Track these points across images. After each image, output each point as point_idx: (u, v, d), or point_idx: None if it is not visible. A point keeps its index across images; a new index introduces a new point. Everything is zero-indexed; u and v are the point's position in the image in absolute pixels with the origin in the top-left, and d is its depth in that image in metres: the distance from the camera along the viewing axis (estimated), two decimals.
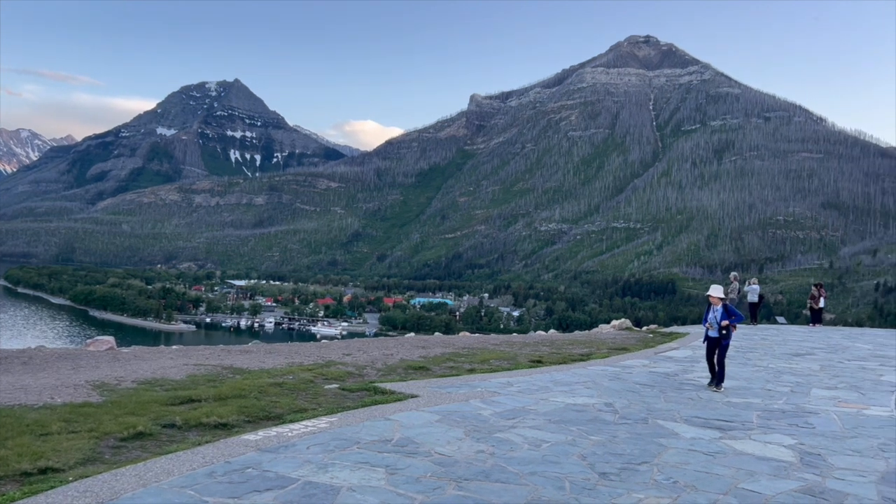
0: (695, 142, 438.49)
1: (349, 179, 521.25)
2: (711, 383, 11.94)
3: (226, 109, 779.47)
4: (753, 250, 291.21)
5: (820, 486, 6.35)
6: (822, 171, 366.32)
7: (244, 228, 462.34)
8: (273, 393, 9.74)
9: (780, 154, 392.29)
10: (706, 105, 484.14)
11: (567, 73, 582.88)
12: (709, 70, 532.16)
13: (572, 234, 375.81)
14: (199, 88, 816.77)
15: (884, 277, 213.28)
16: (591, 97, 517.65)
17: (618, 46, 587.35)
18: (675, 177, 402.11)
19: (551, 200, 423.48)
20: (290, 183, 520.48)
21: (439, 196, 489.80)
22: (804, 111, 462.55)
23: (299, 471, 6.26)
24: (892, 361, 16.62)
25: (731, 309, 11.95)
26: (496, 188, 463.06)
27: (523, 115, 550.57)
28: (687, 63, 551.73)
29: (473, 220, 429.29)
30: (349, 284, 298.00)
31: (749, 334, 23.72)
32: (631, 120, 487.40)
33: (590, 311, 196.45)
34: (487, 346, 17.43)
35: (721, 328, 11.80)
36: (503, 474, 6.36)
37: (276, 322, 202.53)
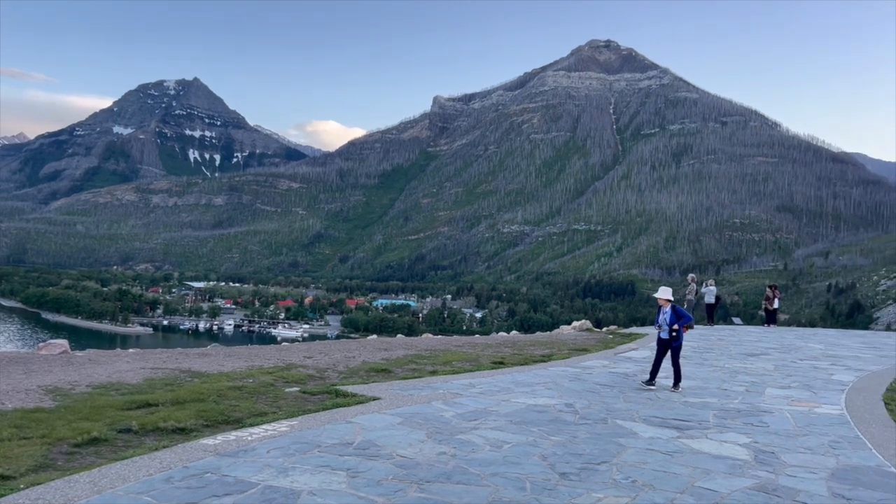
0: (654, 145, 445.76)
1: (311, 180, 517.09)
2: (649, 382, 11.99)
3: (185, 108, 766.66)
4: (711, 252, 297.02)
5: (773, 483, 6.50)
6: (776, 174, 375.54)
7: (203, 229, 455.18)
8: (232, 397, 9.62)
9: (737, 158, 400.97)
10: (665, 109, 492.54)
11: (529, 77, 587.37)
12: (668, 75, 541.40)
13: (534, 235, 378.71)
14: (158, 87, 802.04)
15: (835, 279, 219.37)
16: (552, 100, 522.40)
17: (579, 51, 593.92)
18: (634, 180, 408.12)
19: (514, 202, 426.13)
20: (251, 183, 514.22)
21: (402, 197, 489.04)
22: (760, 116, 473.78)
23: (259, 475, 6.19)
24: (843, 361, 17.11)
25: (679, 310, 12.03)
26: (459, 190, 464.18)
27: (486, 117, 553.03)
28: (646, 68, 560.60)
29: (436, 222, 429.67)
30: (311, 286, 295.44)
31: (706, 335, 24.17)
32: (592, 123, 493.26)
33: (551, 312, 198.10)
34: (450, 348, 17.46)
35: (671, 330, 11.88)
36: (465, 476, 6.38)
37: (235, 325, 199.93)
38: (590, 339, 21.36)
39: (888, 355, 19.08)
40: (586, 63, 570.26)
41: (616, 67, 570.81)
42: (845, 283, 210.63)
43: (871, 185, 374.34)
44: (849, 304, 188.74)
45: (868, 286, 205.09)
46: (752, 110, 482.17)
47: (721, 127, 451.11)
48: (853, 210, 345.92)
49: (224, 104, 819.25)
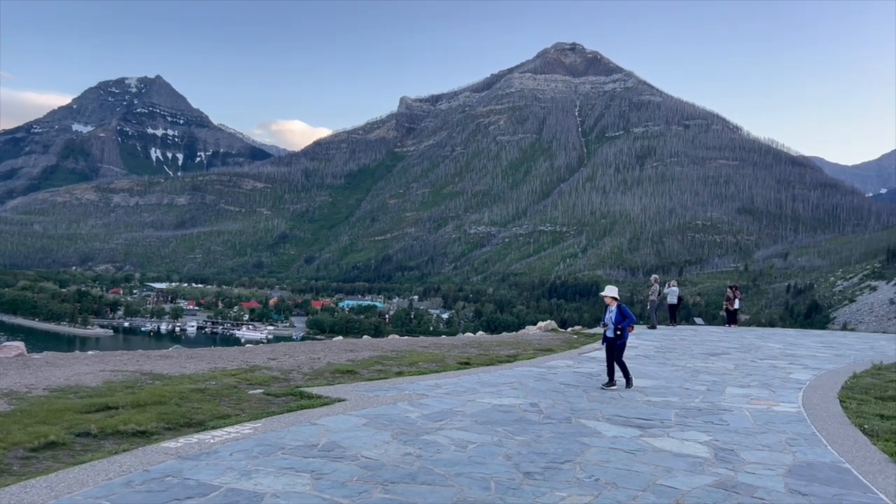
0: (618, 148, 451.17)
1: (276, 180, 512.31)
2: (608, 384, 11.98)
3: (146, 106, 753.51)
4: (673, 253, 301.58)
5: (732, 480, 6.63)
6: (737, 177, 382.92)
7: (165, 229, 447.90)
8: (195, 399, 9.49)
9: (699, 161, 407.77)
10: (629, 112, 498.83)
11: (496, 78, 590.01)
12: (632, 78, 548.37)
13: (501, 236, 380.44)
14: (118, 84, 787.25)
15: (794, 280, 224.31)
16: (519, 102, 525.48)
17: (545, 53, 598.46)
18: (599, 182, 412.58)
19: (480, 203, 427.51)
20: (214, 183, 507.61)
21: (369, 198, 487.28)
22: (721, 119, 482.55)
23: (222, 478, 6.12)
24: (801, 360, 17.50)
25: (624, 310, 12.04)
26: (426, 191, 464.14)
27: (453, 118, 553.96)
28: (611, 71, 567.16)
29: (403, 223, 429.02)
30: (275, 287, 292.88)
31: (668, 335, 24.52)
32: (557, 125, 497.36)
33: (517, 312, 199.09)
34: (416, 349, 17.44)
35: (616, 329, 11.92)
36: (430, 476, 6.39)
37: (198, 326, 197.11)
38: (555, 340, 21.52)
39: (844, 354, 19.57)
40: (552, 65, 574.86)
41: (581, 70, 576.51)
42: (803, 284, 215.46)
43: (828, 189, 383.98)
44: (807, 305, 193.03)
45: (825, 287, 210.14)
46: (713, 114, 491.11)
47: (684, 130, 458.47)
48: (811, 212, 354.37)
49: (187, 102, 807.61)
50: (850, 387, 12.77)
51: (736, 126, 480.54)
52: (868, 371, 15.19)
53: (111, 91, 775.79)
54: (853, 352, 20.61)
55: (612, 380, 12.04)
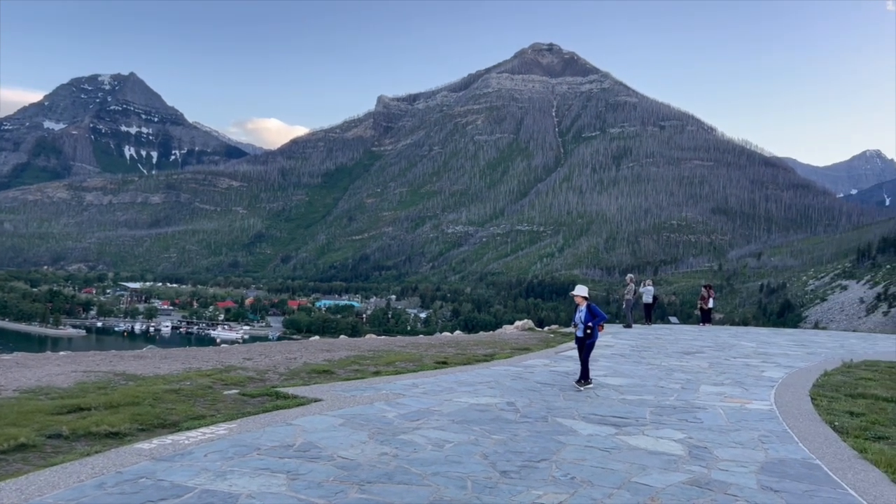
0: (595, 148, 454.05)
1: (252, 179, 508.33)
2: (580, 381, 12.05)
3: (120, 104, 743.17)
4: (649, 253, 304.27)
5: (706, 477, 6.70)
6: (712, 178, 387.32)
7: (139, 228, 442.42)
8: (169, 400, 9.39)
9: (674, 161, 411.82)
10: (605, 113, 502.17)
11: (473, 78, 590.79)
12: (608, 79, 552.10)
13: (478, 236, 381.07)
14: (91, 81, 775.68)
15: (767, 279, 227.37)
16: (496, 102, 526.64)
17: (522, 53, 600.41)
18: (576, 182, 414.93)
19: (458, 203, 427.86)
20: (189, 181, 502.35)
21: (346, 197, 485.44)
22: (696, 120, 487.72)
23: (196, 479, 6.06)
24: (773, 358, 17.74)
25: (594, 309, 12.05)
26: (404, 190, 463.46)
27: (430, 117, 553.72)
28: (588, 72, 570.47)
29: (381, 222, 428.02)
30: (251, 287, 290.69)
31: (644, 334, 24.74)
32: (535, 126, 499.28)
33: (495, 312, 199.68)
34: (393, 349, 17.42)
35: (586, 328, 11.94)
36: (406, 476, 6.38)
37: (173, 326, 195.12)
38: (532, 339, 21.61)
39: (815, 353, 19.88)
40: (529, 66, 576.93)
41: (558, 71, 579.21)
42: (776, 283, 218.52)
43: (800, 189, 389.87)
44: (779, 304, 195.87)
45: (797, 286, 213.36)
46: (689, 115, 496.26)
47: (659, 131, 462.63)
48: (784, 213, 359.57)
49: (162, 100, 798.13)
50: (822, 384, 12.97)
51: (710, 127, 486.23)
52: (839, 369, 15.45)
53: (84, 88, 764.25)
54: (824, 350, 20.95)
55: (586, 378, 12.08)
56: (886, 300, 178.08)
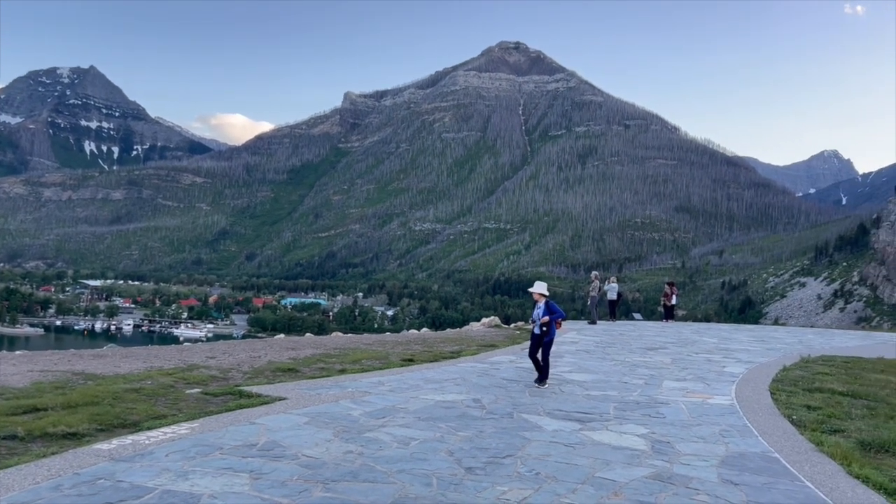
0: (561, 147, 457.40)
1: (216, 175, 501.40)
2: (538, 380, 11.85)
3: (80, 98, 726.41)
4: (614, 250, 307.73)
5: (668, 471, 6.79)
6: (675, 176, 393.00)
7: (100, 225, 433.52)
8: (129, 399, 9.21)
9: (639, 160, 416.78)
10: (571, 112, 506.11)
11: (441, 75, 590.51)
12: (574, 78, 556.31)
13: (446, 233, 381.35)
14: (50, 74, 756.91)
15: (729, 276, 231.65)
16: (463, 100, 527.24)
17: (489, 51, 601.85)
18: (542, 180, 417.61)
19: (425, 200, 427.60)
20: (152, 177, 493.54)
21: (312, 194, 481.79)
22: (660, 120, 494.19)
23: (157, 479, 5.96)
24: (734, 354, 18.07)
25: (552, 306, 11.90)
26: (371, 187, 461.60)
27: (398, 114, 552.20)
28: (554, 70, 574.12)
29: (347, 219, 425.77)
30: (215, 285, 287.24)
31: (609, 330, 25.02)
32: (502, 124, 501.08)
33: (462, 309, 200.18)
34: (360, 346, 17.35)
35: (542, 325, 11.78)
36: (371, 473, 6.35)
37: (134, 324, 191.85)
38: (498, 336, 21.70)
39: (775, 348, 20.30)
40: (496, 64, 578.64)
41: (525, 69, 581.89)
42: (738, 281, 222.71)
43: (761, 188, 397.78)
44: (741, 300, 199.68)
45: (758, 283, 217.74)
46: (653, 114, 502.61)
47: (624, 130, 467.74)
48: (745, 211, 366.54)
49: (123, 94, 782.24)
50: (780, 379, 13.24)
51: (674, 126, 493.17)
52: (797, 364, 15.79)
53: (42, 81, 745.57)
54: (783, 345, 21.40)
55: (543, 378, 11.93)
56: (843, 297, 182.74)
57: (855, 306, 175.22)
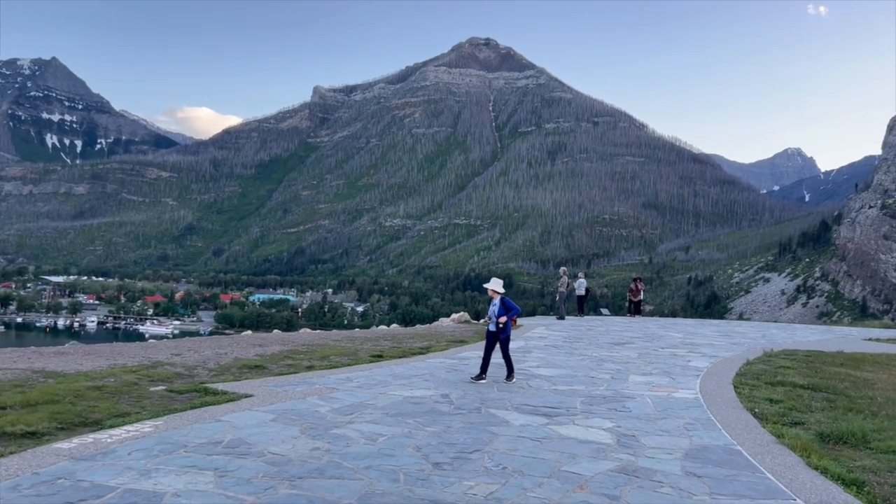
0: (530, 143, 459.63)
1: (182, 169, 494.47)
2: (479, 377, 11.63)
3: (41, 90, 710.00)
4: (582, 246, 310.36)
5: (633, 464, 6.87)
6: (643, 173, 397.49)
7: (62, 220, 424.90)
8: (91, 397, 9.04)
9: (607, 157, 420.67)
10: (541, 108, 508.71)
11: (411, 71, 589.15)
12: (544, 75, 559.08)
13: (416, 229, 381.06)
14: (10, 65, 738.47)
15: (695, 272, 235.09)
16: (434, 95, 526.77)
17: (460, 47, 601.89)
18: (512, 176, 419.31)
19: (396, 196, 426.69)
20: (116, 171, 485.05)
21: (281, 189, 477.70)
22: (628, 117, 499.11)
23: (119, 478, 5.86)
24: (699, 348, 18.33)
25: (508, 303, 11.76)
26: (340, 182, 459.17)
27: (368, 109, 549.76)
28: (524, 67, 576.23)
29: (317, 215, 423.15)
30: (181, 281, 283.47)
31: (576, 325, 25.21)
32: (472, 120, 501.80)
33: (432, 305, 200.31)
34: (328, 343, 17.25)
35: (498, 323, 11.64)
36: (338, 470, 6.32)
37: (98, 321, 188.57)
38: (467, 331, 21.74)
39: (739, 343, 20.64)
40: (467, 60, 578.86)
41: (495, 65, 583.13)
42: (703, 276, 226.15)
43: (726, 185, 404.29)
44: (706, 296, 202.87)
45: (723, 279, 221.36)
46: (621, 111, 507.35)
47: (593, 127, 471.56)
48: (711, 208, 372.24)
49: (86, 87, 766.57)
50: (744, 373, 13.46)
51: (642, 124, 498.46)
52: (760, 358, 16.07)
53: (1, 72, 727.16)
54: (747, 340, 21.76)
55: (482, 373, 11.71)
56: (805, 292, 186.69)
57: (817, 301, 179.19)
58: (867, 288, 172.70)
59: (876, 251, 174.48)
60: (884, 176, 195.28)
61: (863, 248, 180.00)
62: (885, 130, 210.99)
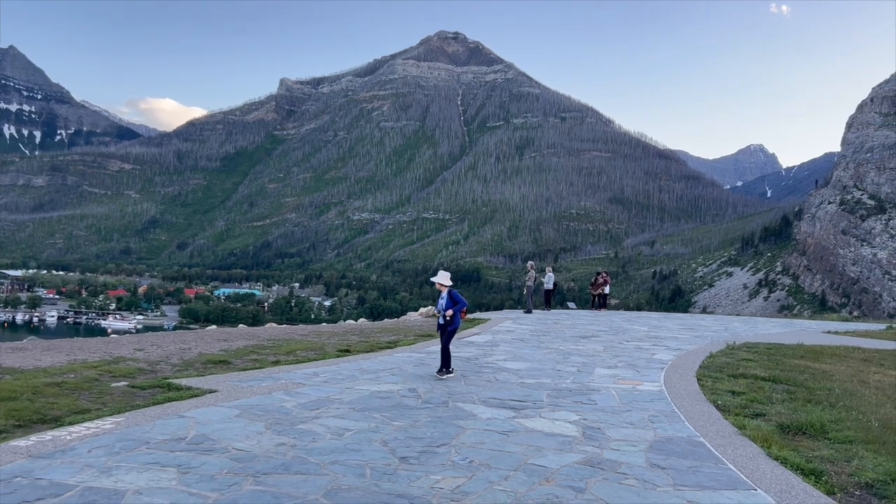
0: (499, 138, 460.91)
1: (145, 161, 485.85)
2: (441, 371, 11.52)
3: None
4: (550, 241, 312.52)
5: (598, 457, 6.92)
6: (609, 168, 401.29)
7: (21, 212, 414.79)
8: (50, 394, 8.84)
9: (574, 152, 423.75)
10: (509, 103, 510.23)
11: (379, 64, 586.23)
12: (512, 69, 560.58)
13: (384, 223, 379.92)
14: None
15: (659, 266, 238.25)
16: (402, 89, 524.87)
17: (428, 40, 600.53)
18: (480, 171, 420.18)
19: (364, 190, 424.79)
20: (77, 163, 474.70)
21: (246, 182, 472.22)
22: (595, 113, 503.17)
23: (78, 476, 5.73)
24: (664, 342, 18.56)
25: (455, 296, 11.70)
26: (307, 175, 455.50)
27: (335, 102, 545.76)
28: (492, 62, 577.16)
29: (284, 208, 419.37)
30: (145, 275, 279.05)
31: (543, 319, 25.37)
32: (440, 114, 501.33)
33: (400, 299, 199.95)
34: (294, 337, 17.11)
35: (444, 315, 11.55)
36: (304, 465, 6.27)
37: (59, 316, 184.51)
38: (436, 325, 21.72)
39: (702, 336, 20.95)
40: (435, 53, 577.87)
41: (464, 59, 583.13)
42: (668, 270, 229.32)
43: (691, 181, 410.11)
44: (671, 289, 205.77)
45: (688, 273, 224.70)
46: (588, 107, 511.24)
47: (560, 122, 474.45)
48: (676, 203, 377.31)
49: (45, 76, 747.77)
50: (707, 366, 13.65)
51: (609, 119, 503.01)
52: (723, 351, 16.32)
53: None
54: (710, 333, 22.11)
55: (443, 367, 11.63)
56: (767, 286, 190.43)
57: (778, 295, 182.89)
58: (826, 282, 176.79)
59: (835, 246, 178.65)
60: (842, 172, 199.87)
61: (822, 242, 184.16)
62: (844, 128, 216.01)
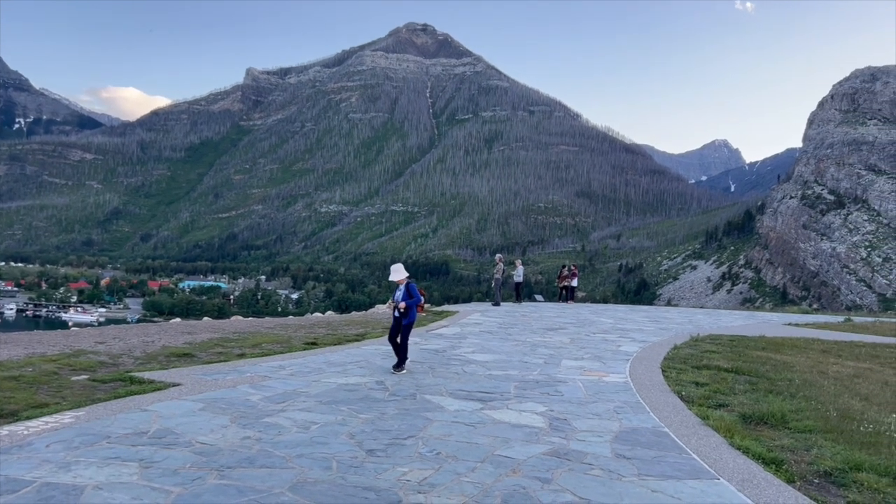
0: (468, 131, 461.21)
1: (108, 151, 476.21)
2: (395, 366, 11.41)
3: None
4: (518, 234, 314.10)
5: (565, 448, 6.97)
6: (577, 162, 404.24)
7: None
8: (6, 388, 8.62)
9: (542, 146, 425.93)
10: (478, 96, 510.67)
11: (347, 55, 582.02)
12: (481, 63, 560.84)
13: (353, 216, 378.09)
14: None
15: (626, 259, 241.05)
16: (371, 80, 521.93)
17: (397, 32, 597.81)
18: (449, 163, 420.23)
19: (332, 182, 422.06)
20: (36, 153, 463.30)
21: (212, 173, 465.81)
22: (563, 107, 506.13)
23: (35, 472, 5.60)
24: (629, 334, 18.78)
25: (412, 289, 11.56)
26: (274, 167, 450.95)
27: (303, 93, 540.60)
28: (461, 54, 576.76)
29: (250, 200, 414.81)
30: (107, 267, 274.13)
31: (511, 311, 25.50)
32: (409, 106, 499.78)
33: (369, 292, 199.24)
34: (261, 330, 16.94)
35: (398, 308, 11.45)
36: (269, 459, 6.20)
37: (18, 309, 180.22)
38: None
39: (667, 328, 21.25)
40: (404, 45, 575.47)
41: (433, 52, 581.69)
42: (634, 263, 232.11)
43: (657, 175, 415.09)
44: (636, 282, 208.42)
45: (653, 266, 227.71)
46: (556, 101, 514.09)
47: (529, 116, 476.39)
48: (642, 197, 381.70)
49: (3, 62, 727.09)
50: (672, 357, 13.85)
51: (576, 113, 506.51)
52: (687, 343, 16.58)
53: None
54: (675, 325, 22.44)
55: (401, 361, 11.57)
56: (730, 279, 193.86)
57: (741, 288, 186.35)
58: (787, 275, 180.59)
59: (796, 240, 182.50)
60: (804, 168, 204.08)
61: (784, 236, 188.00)
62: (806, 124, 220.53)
